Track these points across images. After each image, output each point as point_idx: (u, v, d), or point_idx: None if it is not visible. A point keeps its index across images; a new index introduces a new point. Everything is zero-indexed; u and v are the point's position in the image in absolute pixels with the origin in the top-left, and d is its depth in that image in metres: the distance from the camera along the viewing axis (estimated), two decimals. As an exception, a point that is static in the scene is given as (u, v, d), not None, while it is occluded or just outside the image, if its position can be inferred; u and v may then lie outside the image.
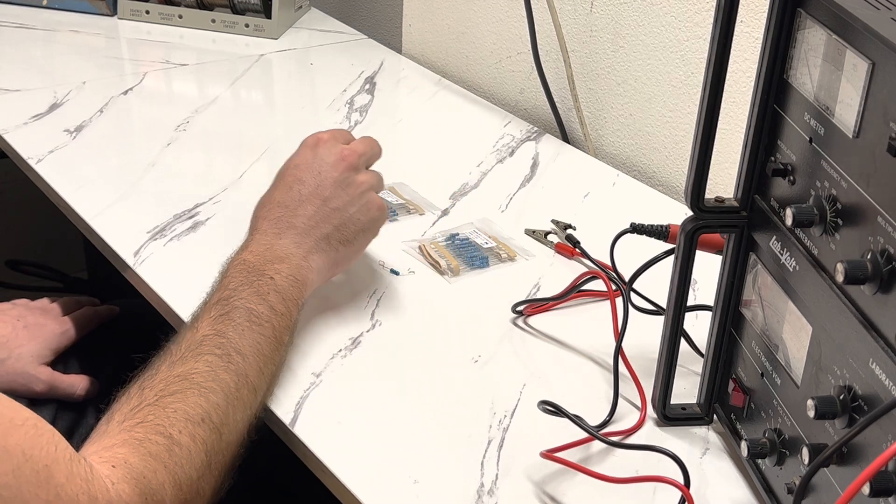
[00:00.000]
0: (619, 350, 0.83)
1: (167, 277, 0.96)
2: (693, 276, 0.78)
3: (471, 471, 0.76)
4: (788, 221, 0.64)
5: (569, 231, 1.06)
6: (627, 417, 0.82)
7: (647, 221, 0.84)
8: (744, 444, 0.72)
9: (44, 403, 1.01)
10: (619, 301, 0.86)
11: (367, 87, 1.42)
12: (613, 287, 0.91)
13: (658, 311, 0.90)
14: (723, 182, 1.10)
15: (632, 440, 0.80)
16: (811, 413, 0.62)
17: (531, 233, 1.08)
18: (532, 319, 0.94)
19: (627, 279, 0.86)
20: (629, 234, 0.84)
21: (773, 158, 0.71)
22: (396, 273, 0.99)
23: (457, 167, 1.22)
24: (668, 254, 0.81)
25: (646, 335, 0.86)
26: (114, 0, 1.58)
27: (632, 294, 0.89)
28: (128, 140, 1.25)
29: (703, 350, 0.82)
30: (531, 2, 1.30)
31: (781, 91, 0.69)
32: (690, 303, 0.81)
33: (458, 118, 1.37)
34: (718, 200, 0.75)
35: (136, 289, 0.98)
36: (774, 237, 0.70)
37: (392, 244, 1.04)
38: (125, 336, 1.06)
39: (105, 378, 1.04)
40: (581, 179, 1.22)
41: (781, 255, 0.69)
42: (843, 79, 0.61)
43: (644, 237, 0.83)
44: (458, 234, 1.06)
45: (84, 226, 1.05)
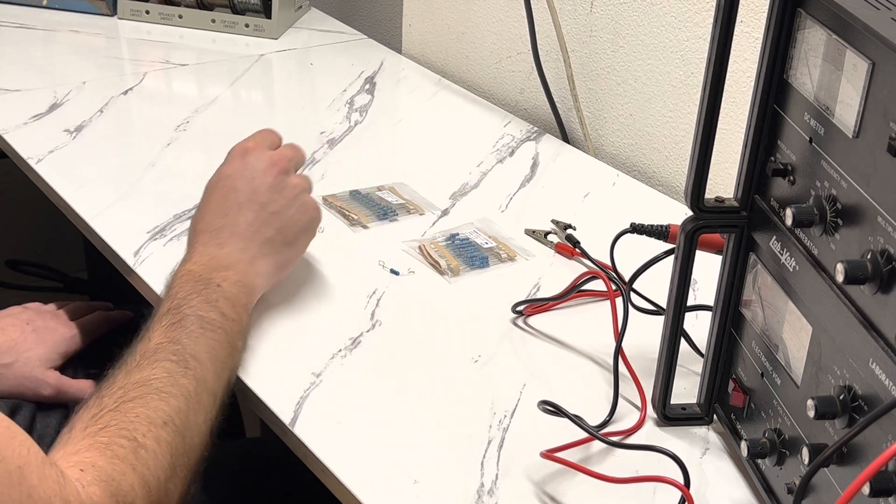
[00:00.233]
0: (619, 350, 0.83)
1: (167, 277, 0.96)
2: (693, 276, 0.78)
3: (471, 471, 0.76)
4: (788, 221, 0.64)
5: (569, 231, 1.06)
6: (627, 417, 0.82)
7: (647, 221, 0.84)
8: (744, 444, 0.72)
9: (52, 408, 1.01)
10: (619, 301, 0.86)
11: (367, 87, 1.42)
12: (613, 287, 0.91)
13: (658, 311, 0.90)
14: (723, 182, 1.10)
15: (632, 440, 0.80)
16: (811, 413, 0.62)
17: (531, 233, 1.08)
18: (532, 319, 0.94)
19: (627, 279, 0.86)
20: (629, 234, 0.84)
21: (773, 158, 0.71)
22: (396, 273, 0.99)
23: (457, 167, 1.22)
24: (668, 254, 0.81)
25: (646, 335, 0.86)
26: (114, 0, 1.59)
27: (632, 294, 0.89)
28: (128, 140, 1.25)
29: (703, 350, 0.82)
30: (531, 2, 1.30)
31: (781, 91, 0.70)
32: (690, 303, 0.81)
33: (458, 118, 1.37)
34: (718, 200, 0.75)
35: (136, 289, 0.98)
36: (774, 237, 0.70)
37: (392, 244, 1.04)
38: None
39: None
40: (581, 179, 1.22)
41: (781, 255, 0.69)
42: (843, 79, 0.61)
43: (644, 237, 0.83)
44: (458, 234, 1.06)
45: (84, 226, 1.05)
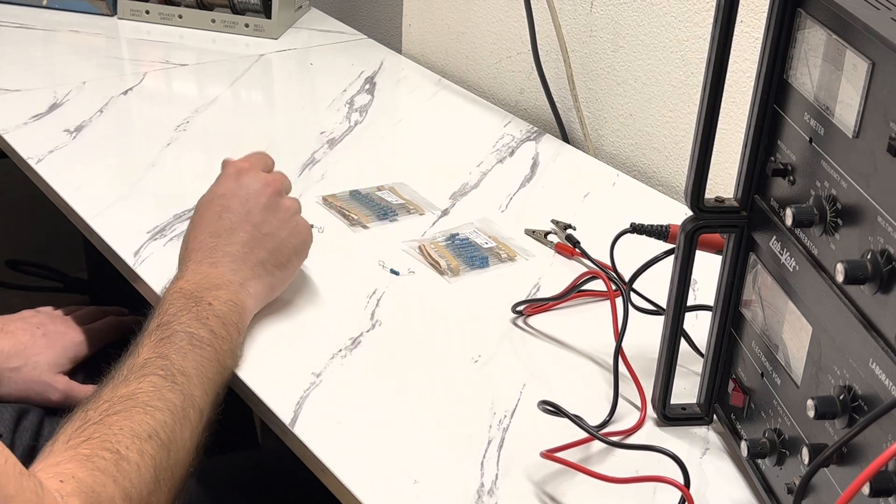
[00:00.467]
0: (619, 350, 0.83)
1: (167, 277, 0.96)
2: (693, 276, 0.78)
3: (471, 471, 0.76)
4: (788, 221, 0.64)
5: (569, 231, 1.06)
6: (627, 417, 0.82)
7: (647, 221, 0.84)
8: (744, 444, 0.72)
9: (60, 413, 1.00)
10: (619, 301, 0.86)
11: (367, 87, 1.42)
12: (613, 287, 0.91)
13: (658, 311, 0.90)
14: (723, 182, 1.10)
15: (632, 440, 0.80)
16: (811, 413, 0.62)
17: (531, 233, 1.08)
18: (532, 319, 0.94)
19: (627, 279, 0.86)
20: (629, 234, 0.84)
21: (773, 158, 0.71)
22: (396, 273, 0.99)
23: (457, 167, 1.22)
24: (668, 254, 0.81)
25: (646, 335, 0.86)
26: (114, 0, 1.59)
27: (632, 294, 0.89)
28: (128, 140, 1.25)
29: (703, 350, 0.82)
30: (531, 2, 1.30)
31: (781, 91, 0.69)
32: (690, 303, 0.81)
33: (458, 118, 1.37)
34: (718, 200, 0.75)
35: (136, 289, 0.98)
36: (774, 237, 0.70)
37: (392, 244, 1.04)
38: None
39: None
40: (581, 179, 1.22)
41: (781, 255, 0.69)
42: (843, 79, 0.61)
43: (644, 237, 0.83)
44: (458, 234, 1.06)
45: (84, 226, 1.05)
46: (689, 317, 0.82)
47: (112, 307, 1.13)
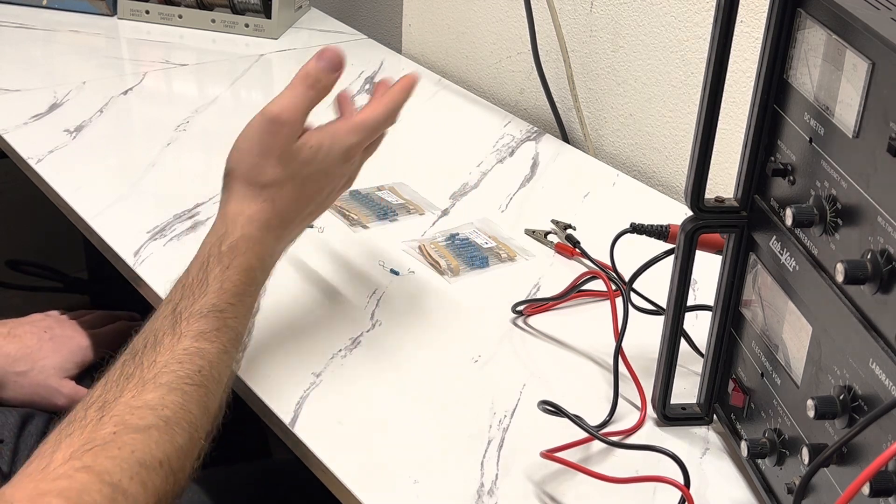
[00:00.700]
0: (619, 350, 0.83)
1: (167, 278, 0.96)
2: (693, 276, 0.78)
3: (471, 471, 0.76)
4: (788, 221, 0.64)
5: (569, 231, 1.06)
6: (627, 417, 0.82)
7: (647, 221, 0.84)
8: (744, 444, 0.72)
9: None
10: (619, 301, 0.86)
11: (367, 87, 1.42)
12: (613, 287, 0.91)
13: (658, 311, 0.90)
14: (723, 182, 1.10)
15: (632, 440, 0.80)
16: (811, 413, 0.62)
17: (531, 233, 1.08)
18: (532, 319, 0.94)
19: (627, 279, 0.86)
20: (629, 234, 0.84)
21: (773, 158, 0.71)
22: (396, 273, 0.99)
23: (457, 167, 1.22)
24: (668, 254, 0.81)
25: (646, 335, 0.86)
26: (114, 0, 1.59)
27: (632, 294, 0.89)
28: (128, 140, 1.25)
29: (703, 350, 0.82)
30: (531, 2, 1.30)
31: (781, 91, 0.69)
32: (690, 303, 0.81)
33: (458, 118, 1.37)
34: (718, 200, 0.75)
35: (136, 289, 0.98)
36: (774, 237, 0.70)
37: (392, 244, 1.04)
38: None
39: None
40: (581, 179, 1.22)
41: (781, 255, 0.69)
42: (843, 79, 0.61)
43: (644, 237, 0.83)
44: (458, 234, 1.06)
45: (84, 226, 1.05)
46: (689, 317, 0.82)
47: (122, 312, 1.12)
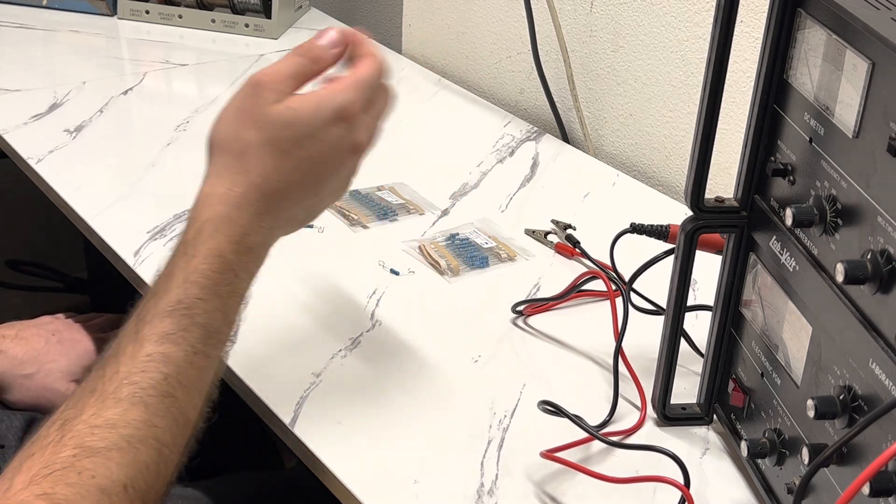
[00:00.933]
0: (619, 350, 0.83)
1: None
2: (693, 276, 0.78)
3: (471, 471, 0.76)
4: (788, 221, 0.64)
5: (569, 231, 1.06)
6: (627, 417, 0.82)
7: (647, 221, 0.84)
8: (744, 444, 0.72)
9: None
10: (619, 301, 0.86)
11: (367, 87, 1.42)
12: (613, 287, 0.91)
13: (658, 311, 0.90)
14: (723, 182, 1.10)
15: (632, 440, 0.80)
16: (811, 413, 0.62)
17: (531, 233, 1.08)
18: (532, 319, 0.94)
19: (627, 279, 0.86)
20: (629, 234, 0.84)
21: (773, 158, 0.71)
22: (396, 273, 0.99)
23: (457, 167, 1.22)
24: (668, 254, 0.81)
25: (646, 335, 0.86)
26: (114, 0, 1.59)
27: (632, 294, 0.89)
28: (128, 140, 1.25)
29: (703, 350, 0.82)
30: (531, 2, 1.30)
31: (781, 91, 0.69)
32: (690, 303, 0.81)
33: (458, 118, 1.37)
34: (718, 200, 0.75)
35: (137, 289, 0.98)
36: (774, 237, 0.70)
37: (392, 244, 1.04)
38: None
39: None
40: (581, 179, 1.22)
41: (781, 255, 0.69)
42: (843, 79, 0.61)
43: (644, 237, 0.83)
44: (458, 234, 1.06)
45: (84, 226, 1.05)
46: (689, 317, 0.82)
47: None
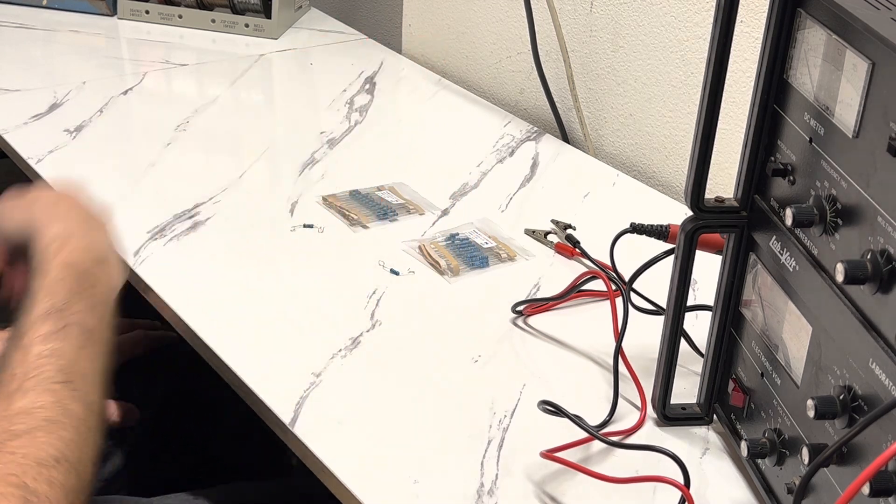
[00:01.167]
0: (619, 350, 0.83)
1: (167, 277, 0.96)
2: (693, 276, 0.78)
3: (471, 471, 0.76)
4: (788, 221, 0.64)
5: (569, 231, 1.06)
6: (627, 417, 0.82)
7: (647, 221, 0.84)
8: (744, 444, 0.72)
9: None
10: (619, 301, 0.86)
11: (367, 87, 1.42)
12: (613, 287, 0.91)
13: (658, 311, 0.90)
14: (723, 182, 1.10)
15: (632, 440, 0.80)
16: (811, 413, 0.62)
17: (531, 233, 1.08)
18: (532, 319, 0.94)
19: (627, 279, 0.86)
20: (629, 234, 0.84)
21: (773, 158, 0.71)
22: (396, 273, 0.99)
23: (457, 167, 1.22)
24: (668, 254, 0.81)
25: (646, 335, 0.86)
26: (114, 0, 1.59)
27: (632, 294, 0.89)
28: (128, 140, 1.25)
29: (703, 350, 0.82)
30: (531, 2, 1.30)
31: (781, 91, 0.69)
32: (690, 303, 0.81)
33: (458, 118, 1.37)
34: (718, 200, 0.75)
35: (136, 289, 0.98)
36: (774, 237, 0.70)
37: (392, 244, 1.04)
38: (179, 361, 1.01)
39: (153, 404, 0.99)
40: (581, 179, 1.22)
41: (781, 255, 0.69)
42: (843, 79, 0.61)
43: (644, 237, 0.83)
44: (458, 234, 1.06)
45: (84, 226, 1.05)
46: (689, 317, 0.82)
47: (143, 320, 1.09)
